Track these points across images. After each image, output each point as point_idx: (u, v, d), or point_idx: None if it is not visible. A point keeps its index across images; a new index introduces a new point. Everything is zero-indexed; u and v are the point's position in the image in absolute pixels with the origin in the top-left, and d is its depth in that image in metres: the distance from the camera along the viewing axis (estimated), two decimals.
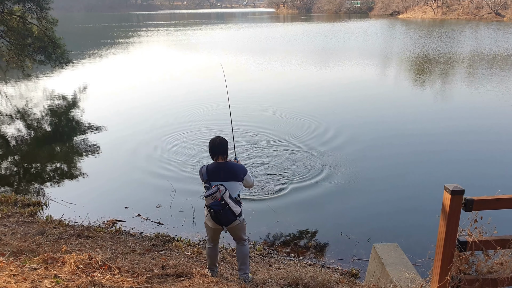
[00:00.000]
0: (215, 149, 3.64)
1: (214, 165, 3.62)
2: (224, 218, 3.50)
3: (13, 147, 9.93)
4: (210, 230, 3.75)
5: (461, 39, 32.61)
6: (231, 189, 3.54)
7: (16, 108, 14.01)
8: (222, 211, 3.46)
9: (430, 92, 15.10)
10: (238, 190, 3.63)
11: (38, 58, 15.80)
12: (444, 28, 43.74)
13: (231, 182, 3.57)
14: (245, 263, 3.87)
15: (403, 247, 4.25)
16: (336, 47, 29.05)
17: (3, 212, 5.74)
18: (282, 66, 21.40)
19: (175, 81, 18.25)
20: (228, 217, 3.51)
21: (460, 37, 34.73)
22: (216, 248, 3.92)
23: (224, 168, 3.60)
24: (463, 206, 2.52)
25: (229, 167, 3.63)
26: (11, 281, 3.30)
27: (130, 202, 6.65)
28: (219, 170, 3.59)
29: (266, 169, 7.82)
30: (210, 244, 3.87)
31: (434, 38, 32.55)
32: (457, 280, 2.68)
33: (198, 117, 11.60)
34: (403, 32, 41.49)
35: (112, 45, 33.72)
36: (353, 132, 10.01)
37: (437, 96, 14.32)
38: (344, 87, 15.94)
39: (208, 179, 3.56)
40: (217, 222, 3.56)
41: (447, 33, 37.25)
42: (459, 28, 42.89)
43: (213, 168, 3.61)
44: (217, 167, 3.61)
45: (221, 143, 3.64)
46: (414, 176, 7.57)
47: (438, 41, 30.65)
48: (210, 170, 3.60)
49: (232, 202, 3.51)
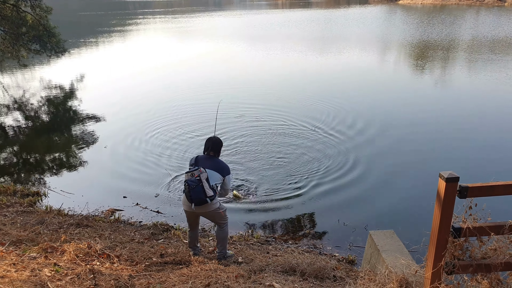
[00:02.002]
0: (209, 144, 4.11)
1: (204, 156, 4.09)
2: (195, 194, 3.80)
3: (11, 138, 9.92)
4: (187, 214, 4.14)
5: (462, 25, 32.33)
6: (211, 176, 3.91)
7: (14, 98, 13.94)
8: (195, 187, 3.79)
9: (429, 78, 15.05)
10: (216, 181, 3.97)
11: (33, 48, 15.66)
12: (445, 13, 43.34)
13: (213, 171, 3.95)
14: (223, 244, 4.27)
15: (401, 234, 4.29)
16: (335, 34, 28.81)
17: (2, 202, 5.77)
18: (282, 53, 21.26)
19: (174, 70, 18.15)
20: (198, 194, 3.81)
21: (461, 22, 34.42)
22: (195, 232, 4.32)
23: (212, 160, 4.05)
24: (458, 193, 2.54)
25: (217, 160, 4.09)
26: (11, 270, 3.34)
27: (129, 191, 6.67)
28: (206, 160, 4.03)
29: (260, 159, 7.84)
30: (189, 228, 4.29)
31: (435, 24, 32.26)
32: (451, 266, 2.71)
33: (197, 107, 11.55)
34: (403, 18, 41.12)
35: (109, 33, 33.38)
36: (350, 119, 10.00)
37: (437, 82, 14.28)
38: (342, 74, 15.87)
39: (195, 164, 3.98)
40: (189, 198, 3.86)
41: (449, 19, 36.90)
42: (460, 14, 42.48)
43: (202, 157, 4.07)
44: (206, 157, 4.07)
45: (216, 141, 4.13)
46: (413, 163, 7.58)
47: (441, 26, 30.38)
48: (199, 158, 4.06)
49: (207, 184, 3.84)
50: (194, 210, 3.94)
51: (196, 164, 3.97)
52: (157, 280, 3.58)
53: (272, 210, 6.02)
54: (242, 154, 8.04)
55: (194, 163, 4.00)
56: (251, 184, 6.80)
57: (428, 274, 2.79)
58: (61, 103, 13.39)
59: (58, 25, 15.97)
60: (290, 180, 6.90)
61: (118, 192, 6.66)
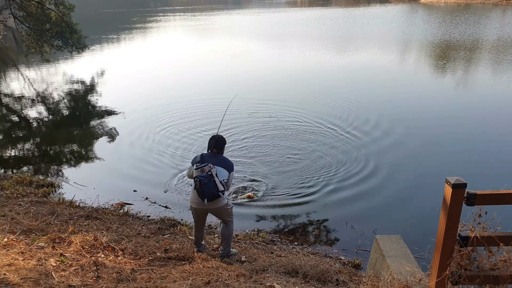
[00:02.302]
0: (212, 142, 4.17)
1: (209, 154, 4.15)
2: (207, 189, 3.81)
3: (33, 129, 10.19)
4: (194, 212, 4.14)
5: (487, 24, 31.37)
6: (219, 172, 3.96)
7: (38, 92, 14.28)
8: (207, 182, 3.81)
9: (450, 79, 14.65)
10: (224, 177, 4.01)
11: (55, 43, 16.04)
12: (469, 12, 42.21)
13: (221, 167, 4.01)
14: (227, 242, 4.26)
15: (410, 240, 4.19)
16: (354, 33, 28.44)
17: (18, 192, 5.92)
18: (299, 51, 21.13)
19: (192, 66, 18.26)
20: (211, 189, 3.82)
21: (486, 22, 33.40)
22: (202, 230, 4.31)
23: (216, 157, 4.11)
24: (465, 200, 2.45)
25: (221, 157, 4.15)
26: (19, 258, 3.42)
27: (139, 185, 6.75)
28: (212, 157, 4.08)
29: (272, 157, 7.80)
30: (196, 227, 4.28)
31: (458, 23, 31.42)
32: (457, 276, 2.62)
33: (212, 104, 11.57)
34: (425, 17, 40.23)
35: (130, 30, 33.90)
36: (367, 120, 9.84)
37: (458, 84, 13.86)
38: (360, 73, 15.63)
39: (201, 161, 4.02)
40: (200, 194, 3.84)
41: (473, 18, 35.89)
42: (485, 13, 41.26)
43: (207, 155, 4.13)
44: (210, 155, 4.12)
45: (219, 139, 4.20)
46: (431, 167, 7.36)
47: (464, 26, 29.58)
48: (204, 156, 4.11)
49: (217, 179, 3.88)
50: (206, 205, 3.94)
51: (202, 161, 3.99)
52: (159, 275, 3.60)
53: (279, 210, 5.98)
54: (254, 152, 8.02)
55: (200, 161, 4.01)
56: (261, 182, 6.76)
57: (432, 283, 2.70)
58: (81, 97, 13.67)
59: (81, 21, 16.33)
60: (301, 180, 6.83)
61: (129, 185, 6.75)
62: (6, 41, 25.13)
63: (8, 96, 13.52)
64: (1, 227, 4.11)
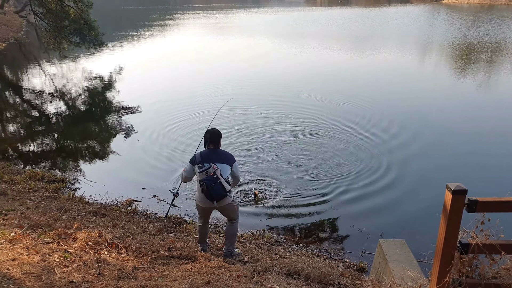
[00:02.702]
0: (208, 137, 4.11)
1: (207, 151, 4.07)
2: (215, 192, 3.86)
3: (48, 125, 10.42)
4: (201, 210, 4.17)
5: (511, 26, 30.44)
6: (222, 170, 3.95)
7: (57, 87, 14.59)
8: (214, 185, 3.85)
9: (471, 82, 14.28)
10: (228, 173, 4.03)
11: (73, 40, 16.41)
12: (493, 13, 41.01)
13: (222, 164, 3.98)
14: (231, 241, 4.27)
15: (416, 244, 4.11)
16: (373, 33, 28.02)
17: (30, 187, 6.06)
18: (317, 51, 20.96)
19: (211, 65, 18.28)
20: (219, 191, 3.87)
21: (511, 23, 32.40)
22: (206, 226, 4.36)
23: (216, 153, 4.06)
24: (466, 206, 2.38)
25: (220, 152, 4.10)
26: (24, 253, 3.49)
27: (148, 183, 6.82)
28: (211, 154, 4.03)
29: (278, 157, 7.76)
30: (201, 222, 4.28)
31: (481, 25, 30.56)
32: (457, 283, 2.55)
33: (227, 103, 11.56)
34: (446, 18, 39.30)
35: (149, 28, 34.29)
36: (384, 122, 9.70)
37: (480, 87, 13.50)
38: (378, 74, 15.41)
39: (202, 161, 3.97)
40: (209, 197, 3.90)
41: (496, 20, 34.85)
42: (510, 14, 40.01)
43: (206, 152, 4.05)
44: (209, 152, 4.06)
45: (214, 133, 4.12)
46: (438, 171, 7.22)
47: (486, 27, 28.76)
48: (204, 154, 4.04)
49: (223, 179, 3.90)
50: (214, 205, 3.99)
51: (203, 161, 3.96)
52: (160, 274, 3.62)
53: (286, 210, 5.95)
54: (264, 151, 8.00)
55: (201, 161, 3.98)
56: (269, 181, 6.74)
57: None
58: (99, 93, 13.90)
59: (101, 18, 16.59)
60: (310, 180, 6.78)
61: (138, 183, 6.83)
62: (29, 37, 25.89)
63: (29, 91, 13.88)
64: (10, 221, 4.22)
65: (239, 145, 8.37)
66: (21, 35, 26.24)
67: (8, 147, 8.65)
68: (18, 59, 20.44)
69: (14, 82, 16.23)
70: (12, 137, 9.42)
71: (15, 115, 11.33)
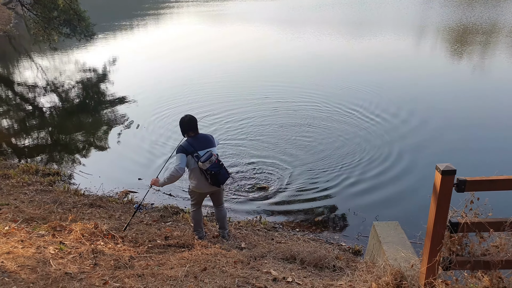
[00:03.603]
0: (186, 125, 4.07)
1: (191, 139, 4.04)
2: (222, 177, 3.99)
3: (40, 118, 10.35)
4: (198, 196, 4.23)
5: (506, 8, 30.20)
6: (215, 152, 4.04)
7: (49, 80, 14.41)
8: (220, 171, 3.94)
9: (464, 64, 14.25)
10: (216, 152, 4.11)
11: (64, 31, 16.13)
12: None
13: (213, 148, 4.04)
14: (225, 222, 4.50)
15: (410, 226, 4.13)
16: (369, 17, 27.77)
17: (24, 181, 6.04)
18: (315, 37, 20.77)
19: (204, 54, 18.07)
20: (225, 175, 4.02)
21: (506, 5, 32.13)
22: (202, 211, 4.47)
23: (200, 138, 4.06)
24: (455, 186, 2.39)
25: (204, 136, 4.10)
26: (18, 246, 3.51)
27: (144, 174, 6.81)
28: (198, 141, 4.02)
29: (276, 140, 7.77)
30: (196, 207, 4.33)
31: (475, 8, 30.32)
32: (448, 261, 2.59)
33: (223, 92, 11.52)
34: (441, 1, 38.89)
35: (142, 17, 33.74)
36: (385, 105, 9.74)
37: (474, 70, 13.45)
38: (376, 59, 15.32)
39: (195, 150, 3.93)
40: (216, 183, 3.99)
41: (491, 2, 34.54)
42: None
43: (191, 141, 4.02)
44: (194, 139, 4.03)
45: (192, 120, 4.08)
46: (435, 154, 7.24)
47: (481, 9, 28.54)
48: (192, 142, 4.01)
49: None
50: (215, 188, 4.11)
51: (196, 150, 3.96)
52: (156, 262, 3.65)
53: (282, 197, 5.98)
54: (260, 136, 8.00)
55: (194, 150, 3.95)
56: (266, 167, 6.76)
57: (423, 269, 2.68)
58: (92, 85, 13.75)
59: (93, 8, 16.27)
60: (306, 166, 6.80)
61: (134, 174, 6.82)
62: (18, 30, 25.45)
63: (20, 85, 13.73)
64: (3, 215, 4.22)
65: (236, 129, 8.39)
66: (10, 28, 25.77)
67: (1, 141, 8.59)
68: (8, 52, 20.16)
69: (5, 76, 16.03)
70: (4, 131, 9.34)
71: (7, 109, 11.22)
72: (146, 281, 3.15)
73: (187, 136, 4.11)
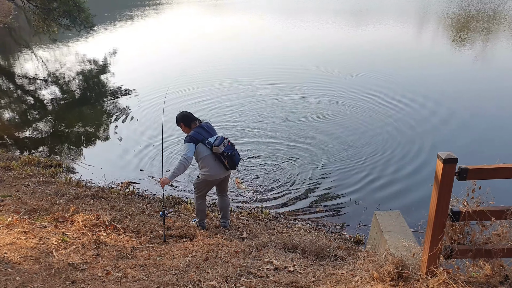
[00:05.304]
0: (188, 118, 4.15)
1: (197, 129, 4.08)
2: (237, 158, 4.10)
3: (42, 111, 10.34)
4: (207, 185, 4.25)
5: None
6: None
7: (50, 72, 14.38)
8: (234, 152, 4.06)
9: (466, 52, 14.11)
10: None
11: (63, 23, 16.04)
12: None
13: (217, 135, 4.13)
14: (229, 212, 4.58)
15: (411, 215, 4.13)
16: (369, 6, 27.46)
17: (26, 173, 6.05)
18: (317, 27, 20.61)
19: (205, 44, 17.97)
20: (238, 156, 4.14)
21: None
22: (205, 201, 4.50)
23: (205, 127, 4.12)
24: (457, 175, 2.38)
25: (208, 125, 4.18)
26: (21, 238, 3.52)
27: (146, 165, 6.82)
28: (204, 129, 4.09)
29: (279, 135, 7.75)
30: (202, 199, 4.35)
31: None
32: (449, 250, 2.59)
33: (226, 84, 11.45)
34: None
35: (143, 7, 33.54)
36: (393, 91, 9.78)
37: (474, 58, 13.34)
38: (375, 47, 15.21)
39: (205, 137, 4.02)
40: (232, 165, 4.08)
41: None
42: None
43: (199, 130, 4.07)
44: (200, 128, 4.09)
45: (189, 113, 4.22)
46: (438, 143, 7.20)
47: None
48: (200, 131, 4.05)
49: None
50: (227, 172, 4.20)
51: (206, 137, 4.01)
52: (159, 253, 3.67)
53: (283, 187, 5.98)
54: (268, 125, 7.99)
55: (206, 136, 4.01)
56: (265, 157, 6.75)
57: (425, 258, 2.68)
58: (93, 77, 13.72)
59: None
60: (306, 156, 6.79)
61: (135, 165, 6.83)
62: (18, 21, 25.33)
63: (21, 77, 13.70)
64: (6, 207, 4.23)
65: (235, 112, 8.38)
66: (10, 20, 25.66)
67: (3, 133, 8.59)
68: (8, 44, 20.09)
69: (6, 68, 15.98)
70: (6, 123, 9.35)
71: (9, 101, 11.21)
72: (148, 271, 3.16)
73: (193, 125, 4.13)
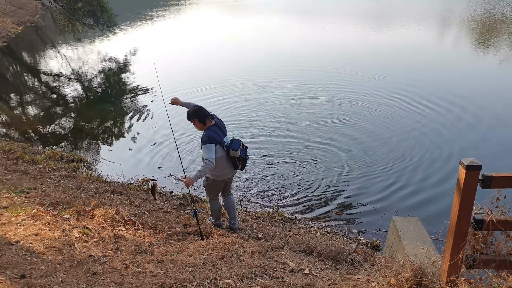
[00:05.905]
0: (203, 114, 4.00)
1: (214, 128, 4.00)
2: (247, 159, 4.13)
3: (65, 107, 10.61)
4: (218, 185, 4.23)
5: None
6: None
7: (73, 69, 14.72)
8: (247, 155, 4.11)
9: (491, 56, 13.78)
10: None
11: (87, 22, 16.44)
12: None
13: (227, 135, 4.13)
14: (235, 212, 4.50)
15: (431, 222, 4.07)
16: (394, 9, 27.14)
17: (50, 166, 6.23)
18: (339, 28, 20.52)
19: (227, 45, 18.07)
20: (247, 158, 4.14)
21: None
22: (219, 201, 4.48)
23: (220, 125, 4.08)
24: (481, 182, 2.33)
25: (221, 122, 4.15)
26: (45, 229, 3.63)
27: (164, 162, 6.91)
28: (219, 129, 4.04)
29: (292, 132, 7.74)
30: (215, 198, 4.37)
31: None
32: (471, 260, 2.53)
33: (246, 83, 11.51)
34: None
35: (163, 8, 34.04)
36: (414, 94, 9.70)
37: (500, 62, 13.03)
38: (397, 49, 15.03)
39: (221, 139, 3.99)
40: (243, 167, 4.11)
41: None
42: None
43: (215, 130, 3.99)
44: (216, 127, 4.01)
45: (203, 108, 4.07)
46: (457, 149, 7.07)
47: None
48: (216, 131, 3.98)
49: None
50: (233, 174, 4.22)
51: (221, 136, 3.98)
52: (176, 249, 3.72)
53: (299, 189, 5.96)
54: (272, 124, 8.00)
55: (222, 138, 3.97)
56: (278, 157, 6.75)
57: (445, 266, 2.63)
58: (115, 75, 13.98)
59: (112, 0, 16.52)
60: (324, 160, 6.76)
61: (154, 162, 6.93)
62: (44, 20, 26.06)
63: (46, 74, 14.09)
64: (32, 199, 4.37)
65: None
66: (36, 18, 26.44)
67: (28, 128, 8.86)
68: (35, 42, 20.67)
69: (32, 65, 16.46)
70: (31, 118, 9.63)
71: (34, 98, 11.54)
72: (165, 267, 3.21)
73: (208, 123, 3.99)
